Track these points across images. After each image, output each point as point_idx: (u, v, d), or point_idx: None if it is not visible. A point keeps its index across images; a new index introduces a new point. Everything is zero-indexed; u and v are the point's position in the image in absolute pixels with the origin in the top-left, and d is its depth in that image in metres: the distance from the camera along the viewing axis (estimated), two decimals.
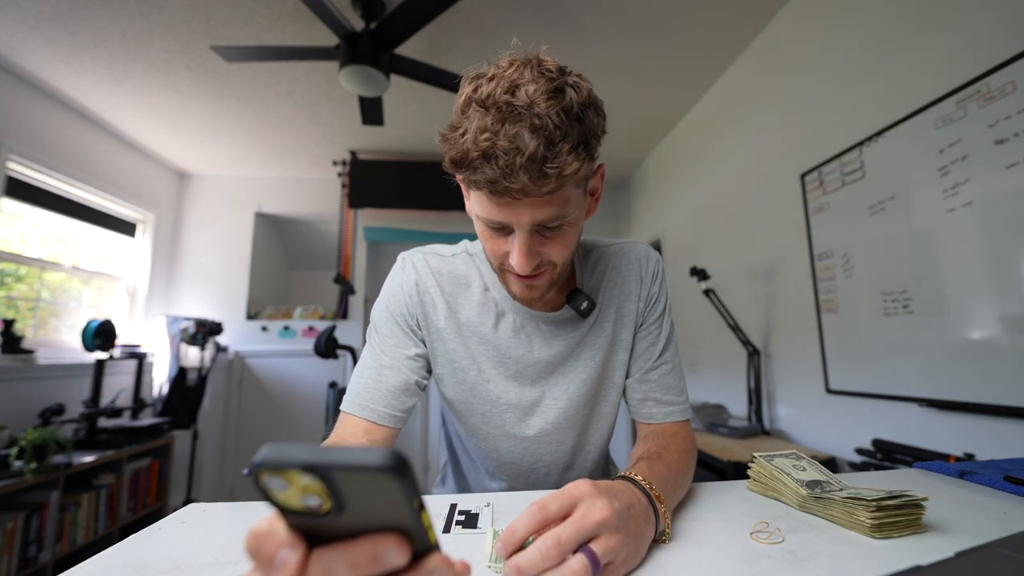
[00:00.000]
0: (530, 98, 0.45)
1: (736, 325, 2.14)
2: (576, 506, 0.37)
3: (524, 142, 0.44)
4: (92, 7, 1.94)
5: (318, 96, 2.69)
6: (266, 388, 3.49)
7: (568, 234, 0.54)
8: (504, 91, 0.46)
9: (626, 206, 4.00)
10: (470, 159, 0.46)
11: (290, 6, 1.95)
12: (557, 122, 0.45)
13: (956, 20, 1.31)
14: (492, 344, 0.65)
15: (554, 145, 0.45)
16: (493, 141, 0.45)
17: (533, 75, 0.47)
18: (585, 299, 0.64)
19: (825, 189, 1.77)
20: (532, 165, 0.45)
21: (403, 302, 0.66)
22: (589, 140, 0.49)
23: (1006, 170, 1.16)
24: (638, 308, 0.68)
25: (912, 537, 0.43)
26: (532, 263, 0.53)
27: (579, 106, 0.47)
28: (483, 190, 0.49)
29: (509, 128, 0.45)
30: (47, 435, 1.89)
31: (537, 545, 0.34)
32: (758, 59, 2.21)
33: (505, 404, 0.66)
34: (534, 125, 0.45)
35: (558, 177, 0.46)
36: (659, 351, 0.68)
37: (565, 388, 0.66)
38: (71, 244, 2.87)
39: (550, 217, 0.50)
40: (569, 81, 0.48)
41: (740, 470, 1.59)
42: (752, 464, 0.58)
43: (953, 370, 1.30)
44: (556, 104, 0.45)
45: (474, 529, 0.46)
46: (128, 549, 0.42)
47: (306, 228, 4.12)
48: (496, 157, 0.45)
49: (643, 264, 0.69)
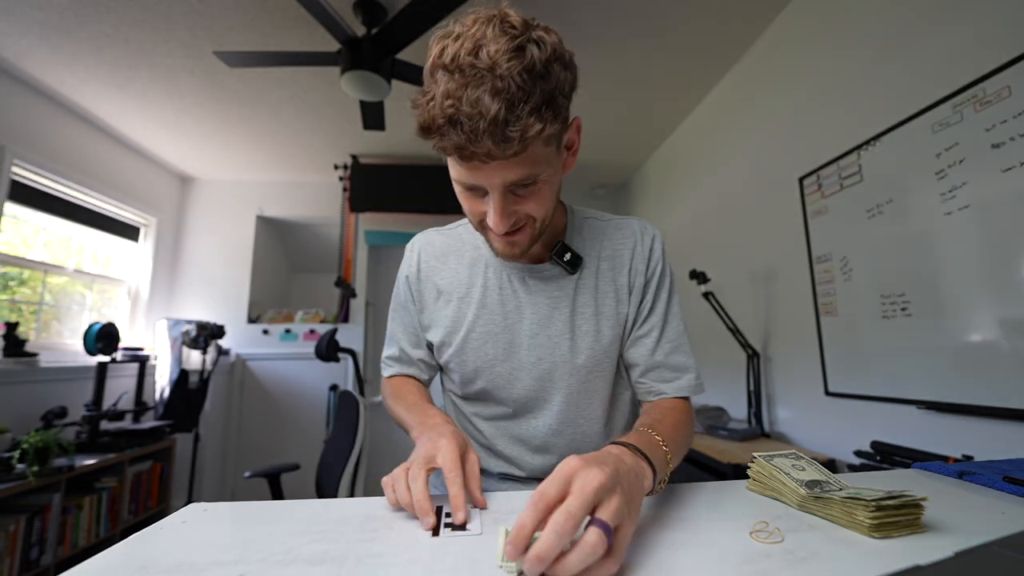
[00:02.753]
0: (492, 59, 0.45)
1: (735, 328, 2.14)
2: (572, 481, 0.37)
3: (485, 106, 0.44)
4: (97, 14, 1.96)
5: (320, 101, 2.70)
6: (268, 391, 3.49)
7: (543, 191, 0.55)
8: (468, 52, 0.46)
9: (626, 209, 4.01)
10: (436, 125, 0.47)
11: (292, 12, 1.96)
12: (520, 83, 0.45)
13: (952, 25, 1.32)
14: (481, 303, 0.69)
15: (515, 107, 0.45)
16: (456, 107, 0.45)
17: (495, 33, 0.46)
18: (569, 251, 0.65)
19: (823, 193, 1.77)
20: (495, 129, 0.45)
21: (403, 284, 0.76)
22: (555, 97, 0.48)
23: (1002, 174, 1.17)
24: (631, 282, 0.68)
25: (911, 537, 0.43)
26: (508, 222, 0.55)
27: (542, 63, 0.47)
28: (452, 155, 0.50)
29: (471, 92, 0.45)
30: (49, 438, 1.89)
31: (551, 527, 0.33)
32: (756, 64, 2.23)
33: (493, 358, 0.68)
34: (495, 88, 0.45)
35: (521, 140, 0.46)
36: (660, 329, 0.67)
37: (550, 349, 0.67)
38: (74, 248, 2.88)
39: (521, 177, 0.52)
40: (533, 36, 0.47)
41: (740, 472, 1.59)
42: (752, 464, 0.58)
43: (951, 372, 1.30)
44: (518, 63, 0.45)
45: (463, 531, 0.45)
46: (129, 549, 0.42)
47: (307, 232, 4.13)
48: (460, 123, 0.45)
49: (638, 238, 0.69)
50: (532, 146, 0.49)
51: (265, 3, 1.92)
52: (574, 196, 4.15)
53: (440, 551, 0.41)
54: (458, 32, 0.48)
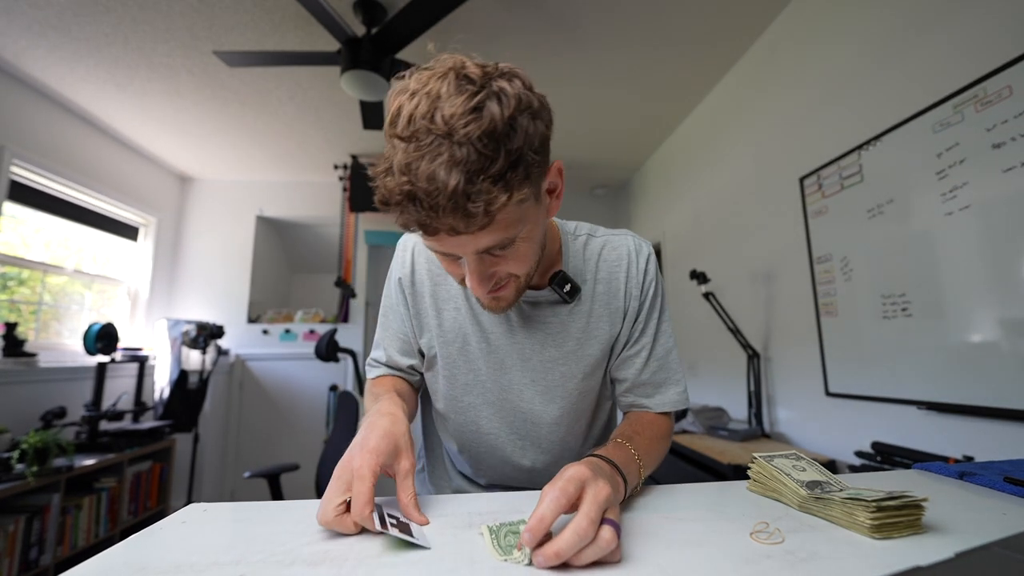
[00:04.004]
0: (447, 123, 0.41)
1: (736, 328, 2.14)
2: (585, 488, 0.41)
3: (442, 181, 0.41)
4: (96, 13, 1.96)
5: (319, 101, 2.70)
6: (267, 391, 3.49)
7: (522, 249, 0.52)
8: (423, 115, 0.42)
9: (626, 210, 4.01)
10: (394, 201, 0.44)
11: (292, 11, 1.96)
12: (479, 148, 0.41)
13: (953, 25, 1.32)
14: (475, 318, 0.67)
15: (476, 179, 0.41)
16: (413, 182, 0.42)
17: (451, 89, 0.42)
18: (569, 282, 0.64)
19: (824, 193, 1.77)
20: (455, 204, 0.42)
21: (394, 287, 0.72)
22: (523, 156, 0.44)
23: (1003, 174, 1.17)
24: (626, 306, 0.67)
25: (912, 538, 0.43)
26: (488, 284, 0.52)
27: (504, 122, 0.42)
28: (416, 231, 0.47)
29: (426, 165, 0.41)
30: (49, 438, 1.89)
31: (572, 529, 0.37)
32: (756, 64, 2.23)
33: (485, 375, 0.67)
34: (453, 158, 0.41)
35: (486, 213, 0.43)
36: (649, 349, 0.68)
37: (543, 373, 0.67)
38: (73, 248, 2.88)
39: (495, 243, 0.48)
40: (494, 89, 0.43)
41: (740, 473, 1.59)
42: (752, 465, 0.58)
43: (952, 373, 1.30)
44: (476, 126, 0.41)
45: (411, 537, 0.42)
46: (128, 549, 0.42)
47: (307, 232, 4.13)
48: (418, 199, 0.42)
49: (632, 259, 0.68)
50: (502, 213, 0.45)
51: (265, 3, 1.92)
52: (574, 196, 4.15)
53: (440, 551, 0.41)
54: (413, 89, 0.44)
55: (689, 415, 2.17)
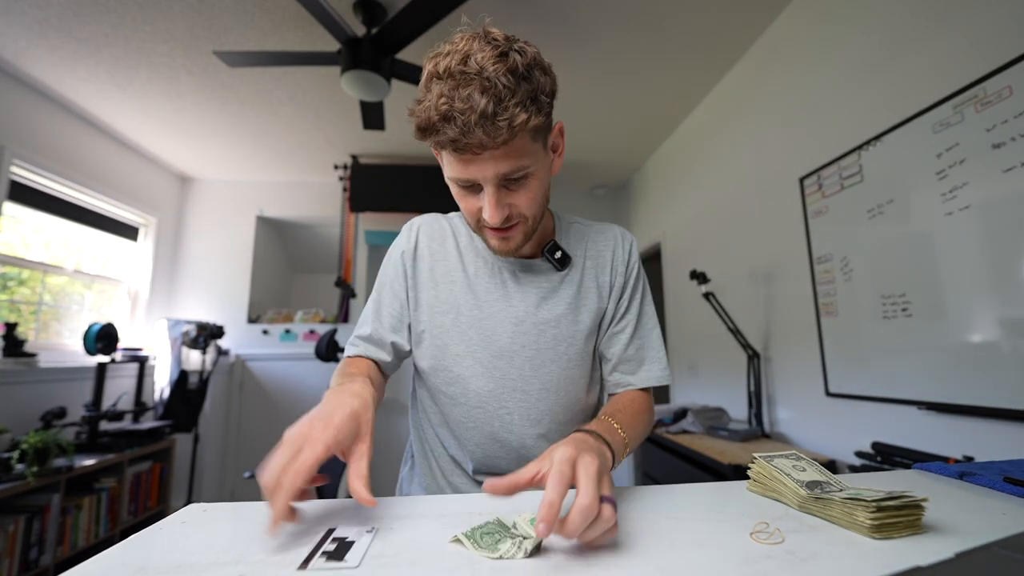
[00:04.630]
0: (479, 64, 0.51)
1: (736, 328, 2.14)
2: (576, 466, 0.43)
3: (475, 101, 0.51)
4: (96, 13, 1.96)
5: (319, 101, 2.70)
6: (267, 391, 3.49)
7: (533, 186, 0.60)
8: (458, 62, 0.52)
9: (626, 210, 4.01)
10: (432, 123, 0.53)
11: (292, 11, 1.96)
12: (505, 82, 0.51)
13: (953, 25, 1.32)
14: (470, 287, 0.72)
15: (502, 101, 0.51)
16: (450, 104, 0.51)
17: (481, 45, 0.53)
18: (560, 250, 0.72)
19: (824, 193, 1.77)
20: (485, 120, 0.51)
21: (396, 260, 0.76)
22: (537, 96, 0.54)
23: (1003, 174, 1.17)
24: (612, 281, 0.74)
25: (912, 538, 0.43)
26: (502, 214, 0.60)
27: (524, 67, 0.53)
28: (447, 149, 0.56)
29: (462, 91, 0.51)
30: (49, 438, 1.89)
31: (578, 509, 0.40)
32: (757, 64, 2.23)
33: (476, 343, 0.70)
34: (484, 86, 0.51)
35: (509, 128, 0.52)
36: (634, 327, 0.74)
37: (533, 337, 0.70)
38: (73, 248, 2.88)
39: (512, 169, 0.57)
40: (515, 46, 0.54)
41: (740, 473, 1.59)
42: (752, 465, 0.58)
43: (952, 373, 1.30)
44: (503, 66, 0.52)
45: (339, 562, 0.38)
46: (128, 550, 0.42)
47: (307, 232, 4.14)
48: (453, 118, 0.51)
49: (619, 242, 0.76)
50: (520, 137, 0.54)
51: (265, 3, 1.92)
52: (574, 196, 4.16)
53: (440, 551, 0.41)
54: (448, 49, 0.55)
55: (689, 415, 2.17)
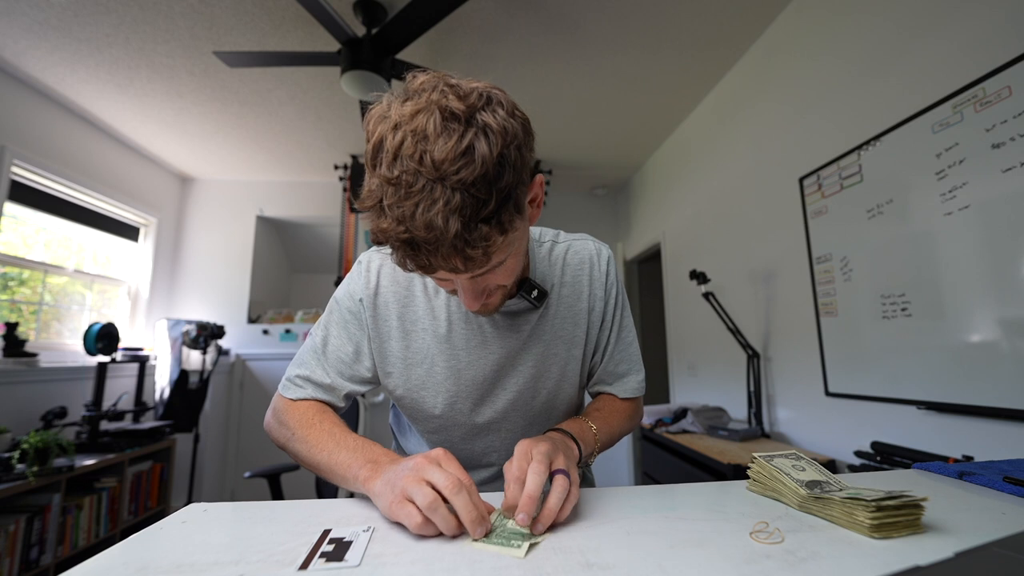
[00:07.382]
0: (438, 168, 0.41)
1: (736, 328, 2.14)
2: (530, 453, 0.50)
3: (440, 228, 0.42)
4: (97, 14, 1.96)
5: (320, 101, 2.70)
6: (267, 391, 3.49)
7: (511, 263, 0.53)
8: (410, 155, 0.42)
9: (626, 210, 4.01)
10: (394, 245, 0.46)
11: (292, 12, 1.96)
12: (473, 192, 0.42)
13: (952, 25, 1.32)
14: (445, 337, 0.66)
15: (472, 224, 0.43)
16: (411, 232, 0.43)
17: (437, 128, 0.42)
18: (536, 288, 0.66)
19: (823, 193, 1.77)
20: (455, 248, 0.43)
21: (350, 304, 0.67)
22: (514, 189, 0.45)
23: (1003, 174, 1.17)
24: (590, 306, 0.72)
25: (911, 537, 0.43)
26: (480, 300, 0.55)
27: (494, 163, 0.42)
28: (413, 271, 0.48)
29: (423, 214, 0.42)
30: (49, 438, 1.89)
31: (528, 490, 0.45)
32: (756, 64, 2.23)
33: (456, 394, 0.68)
34: (448, 206, 0.41)
35: (484, 254, 0.45)
36: (614, 343, 0.74)
37: (515, 379, 0.69)
38: (74, 248, 2.88)
39: (487, 269, 0.50)
40: (479, 123, 0.43)
41: (740, 473, 1.59)
42: (752, 464, 0.58)
43: (952, 373, 1.30)
44: (468, 172, 0.41)
45: (339, 562, 0.39)
46: (129, 549, 0.42)
47: (307, 232, 4.14)
48: (418, 246, 0.44)
49: (594, 262, 0.72)
50: (497, 250, 0.47)
51: (265, 3, 1.92)
52: (574, 196, 4.16)
53: (440, 551, 0.41)
54: (396, 121, 0.43)
55: (689, 415, 2.17)
